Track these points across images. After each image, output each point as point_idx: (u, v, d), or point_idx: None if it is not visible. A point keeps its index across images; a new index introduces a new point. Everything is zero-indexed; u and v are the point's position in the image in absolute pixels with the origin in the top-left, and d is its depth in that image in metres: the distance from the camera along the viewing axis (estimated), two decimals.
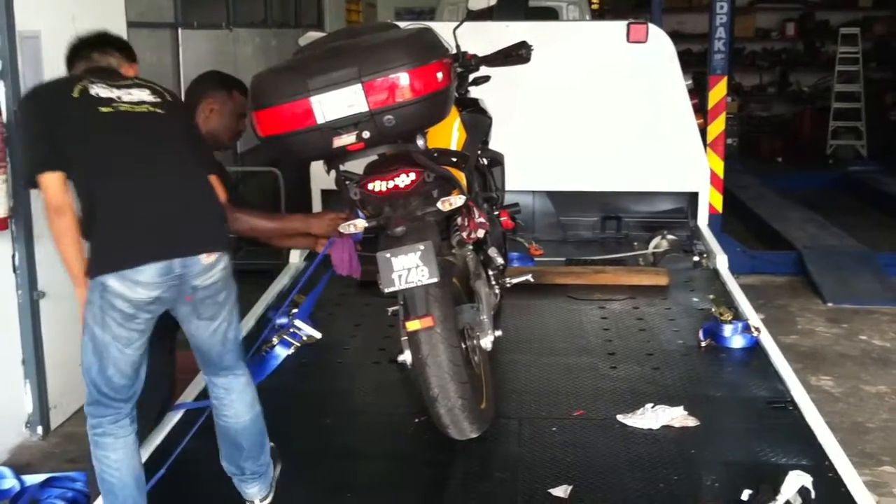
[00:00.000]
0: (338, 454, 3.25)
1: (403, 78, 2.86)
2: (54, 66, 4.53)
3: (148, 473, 2.86)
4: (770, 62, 14.60)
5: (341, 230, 3.18)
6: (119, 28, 5.26)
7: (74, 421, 4.68)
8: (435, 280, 2.93)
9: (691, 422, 3.35)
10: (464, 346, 3.20)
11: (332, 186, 3.25)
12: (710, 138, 7.06)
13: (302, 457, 3.18)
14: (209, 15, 7.21)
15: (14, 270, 4.38)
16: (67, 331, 4.60)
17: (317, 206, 5.94)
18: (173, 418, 3.39)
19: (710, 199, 6.34)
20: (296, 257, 5.36)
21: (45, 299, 4.49)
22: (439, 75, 2.92)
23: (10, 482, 3.92)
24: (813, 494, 2.72)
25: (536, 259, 5.36)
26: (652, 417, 3.37)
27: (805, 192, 10.12)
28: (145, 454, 3.13)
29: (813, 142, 13.01)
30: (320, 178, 5.22)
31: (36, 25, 4.43)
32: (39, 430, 4.51)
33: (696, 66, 9.68)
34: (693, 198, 5.99)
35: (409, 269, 2.94)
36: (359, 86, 2.85)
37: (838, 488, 2.86)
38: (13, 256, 4.37)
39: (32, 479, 3.91)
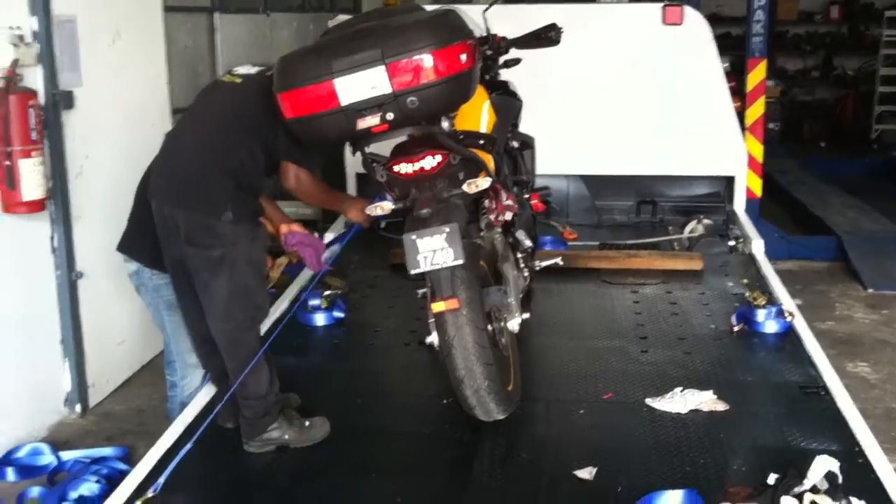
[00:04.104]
0: (366, 434, 3.28)
1: (427, 59, 2.85)
2: (90, 51, 4.63)
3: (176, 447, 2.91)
4: (814, 46, 14.35)
5: (368, 212, 3.20)
6: (155, 12, 5.31)
7: (112, 399, 4.76)
8: (460, 262, 2.94)
9: (721, 406, 3.33)
10: (490, 328, 3.20)
11: None
12: (748, 122, 6.95)
13: (331, 436, 3.20)
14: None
15: (52, 251, 4.45)
16: (105, 311, 4.70)
17: (351, 189, 5.98)
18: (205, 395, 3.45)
19: (748, 184, 6.27)
20: (330, 236, 5.39)
21: (83, 279, 4.56)
22: (463, 57, 2.91)
23: (48, 458, 4.00)
24: (840, 479, 2.69)
25: (570, 243, 5.34)
26: (681, 401, 3.35)
27: (848, 178, 9.93)
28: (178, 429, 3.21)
29: (857, 126, 12.76)
30: (356, 162, 5.26)
31: (72, 10, 4.48)
32: (78, 408, 4.59)
33: (735, 49, 9.53)
34: (729, 182, 5.92)
35: (434, 250, 2.94)
36: (382, 67, 2.85)
37: (868, 474, 2.83)
38: (51, 238, 4.44)
39: (70, 456, 3.99)
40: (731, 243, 5.40)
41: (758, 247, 5.19)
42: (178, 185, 3.12)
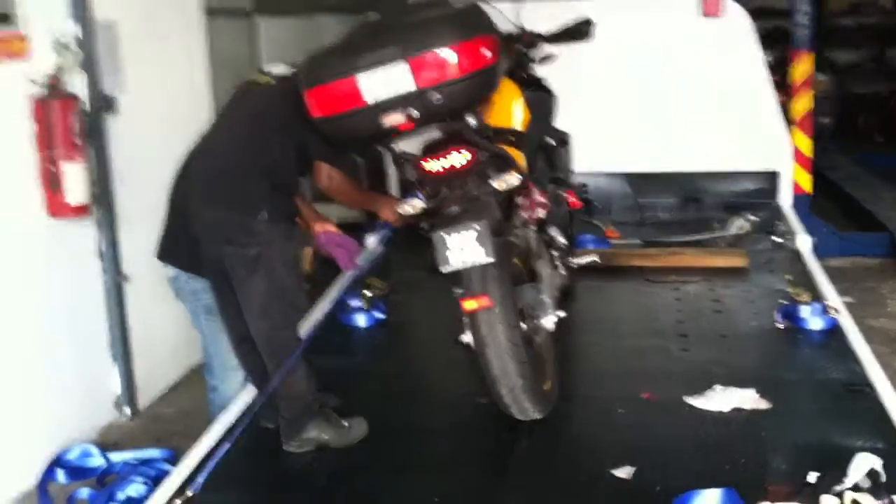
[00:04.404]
0: (404, 433, 3.29)
1: (448, 55, 2.83)
2: (132, 56, 4.71)
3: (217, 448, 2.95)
4: (866, 37, 14.06)
5: (399, 211, 3.20)
6: (196, 17, 5.38)
7: (160, 402, 4.84)
8: (491, 259, 2.92)
9: (763, 404, 3.28)
10: (524, 326, 3.18)
11: None
12: (795, 116, 6.84)
13: (370, 435, 3.22)
14: (289, 2, 7.30)
15: (99, 255, 4.53)
16: (152, 315, 4.77)
17: (394, 191, 6.00)
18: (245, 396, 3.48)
19: (796, 179, 6.18)
20: (373, 242, 5.41)
21: (130, 283, 4.64)
22: (485, 51, 2.89)
23: (98, 460, 4.05)
24: (883, 477, 2.63)
25: (613, 241, 5.31)
26: (721, 399, 3.31)
27: None
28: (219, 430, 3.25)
29: None
30: None
31: (114, 15, 4.56)
32: (127, 410, 4.68)
33: (786, 44, 9.38)
34: (775, 177, 5.83)
35: (464, 248, 2.93)
36: (404, 64, 2.85)
37: None
38: (98, 242, 4.52)
39: (118, 457, 4.05)
40: (777, 239, 5.32)
41: (804, 242, 5.11)
42: (214, 185, 3.16)
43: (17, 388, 4.01)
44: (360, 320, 4.28)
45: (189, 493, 2.84)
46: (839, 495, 2.58)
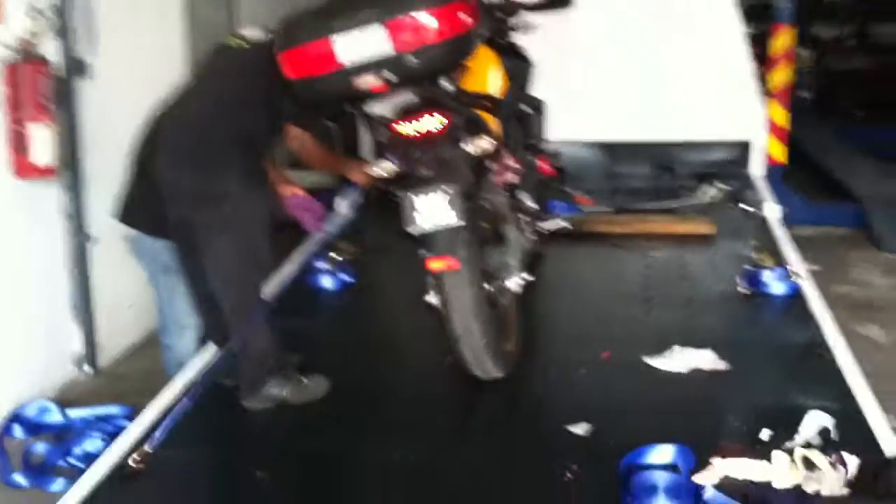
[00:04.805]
0: (366, 392, 3.31)
1: (425, 18, 2.83)
2: (108, 21, 4.67)
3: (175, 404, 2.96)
4: (849, 13, 14.07)
5: (370, 173, 3.20)
6: None
7: (122, 361, 4.85)
8: (460, 223, 2.94)
9: (721, 365, 3.32)
10: (489, 287, 3.20)
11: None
12: (773, 88, 6.85)
13: (330, 394, 3.23)
14: None
15: (65, 216, 4.52)
16: (115, 275, 4.76)
17: (367, 155, 5.98)
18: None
19: (770, 150, 6.21)
20: (343, 206, 5.42)
21: (94, 245, 4.63)
22: (463, 16, 2.89)
23: (55, 416, 4.04)
24: (834, 434, 2.67)
25: (584, 209, 5.32)
26: (679, 360, 3.34)
27: (884, 147, 9.75)
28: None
29: (894, 96, 12.50)
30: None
31: None
32: (87, 368, 4.68)
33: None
34: (747, 147, 5.85)
35: (433, 210, 2.94)
36: (380, 26, 2.84)
37: (862, 429, 2.80)
38: (64, 203, 4.50)
39: (76, 414, 4.04)
40: (746, 208, 5.35)
41: (771, 210, 5.14)
42: (185, 148, 3.15)
43: None
44: (327, 282, 4.29)
45: (147, 449, 2.85)
46: (790, 451, 2.61)
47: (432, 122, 3.04)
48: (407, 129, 3.06)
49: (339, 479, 2.77)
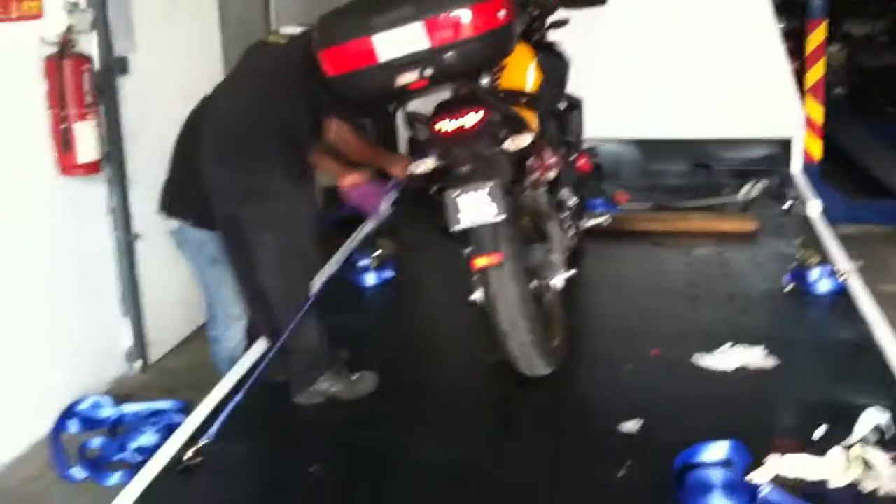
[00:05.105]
0: (414, 388, 3.31)
1: (464, 15, 2.84)
2: (144, 16, 4.71)
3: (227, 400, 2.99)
4: (881, 10, 13.92)
5: (411, 170, 3.21)
6: None
7: (171, 356, 4.90)
8: (502, 217, 2.94)
9: (770, 362, 3.30)
10: (534, 284, 3.20)
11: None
12: (808, 84, 6.81)
13: (379, 390, 3.25)
14: None
15: (110, 212, 4.56)
16: (162, 271, 4.81)
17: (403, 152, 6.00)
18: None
19: (806, 147, 6.17)
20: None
21: (140, 240, 4.67)
22: (501, 12, 2.89)
23: (109, 411, 4.09)
24: (891, 432, 2.65)
25: (622, 206, 5.31)
26: (729, 358, 3.32)
27: None
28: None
29: None
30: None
31: None
32: (138, 363, 4.73)
33: (802, 15, 9.30)
34: (787, 144, 5.81)
35: (476, 207, 2.95)
36: (419, 23, 2.85)
37: None
38: (109, 199, 4.55)
39: (130, 409, 4.09)
40: (787, 205, 5.31)
41: (813, 207, 5.10)
42: (227, 144, 3.17)
43: (31, 341, 4.05)
44: (370, 279, 4.30)
45: (202, 443, 2.87)
46: (846, 449, 2.60)
47: (472, 119, 3.05)
48: (447, 125, 3.07)
49: (388, 474, 2.79)
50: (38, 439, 3.97)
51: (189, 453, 2.82)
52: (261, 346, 3.49)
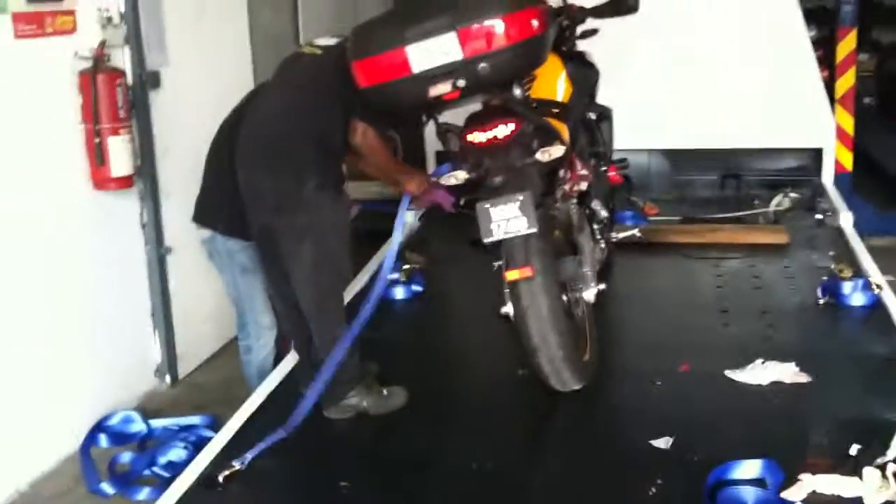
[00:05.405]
0: (442, 403, 3.32)
1: (497, 25, 2.84)
2: (176, 31, 4.75)
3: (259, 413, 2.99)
4: None
5: (443, 181, 3.21)
6: None
7: (200, 371, 4.92)
8: (534, 230, 2.93)
9: (803, 378, 3.27)
10: (565, 298, 3.19)
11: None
12: (838, 94, 6.75)
13: (409, 404, 3.24)
14: None
15: (142, 227, 4.60)
16: (193, 286, 4.84)
17: (431, 167, 6.01)
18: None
19: (837, 157, 6.11)
20: (410, 217, 5.45)
21: (172, 255, 4.70)
22: (534, 22, 2.90)
23: (139, 426, 4.15)
24: None
25: (651, 218, 5.29)
26: (762, 373, 3.29)
27: None
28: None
29: None
30: (435, 140, 5.31)
31: None
32: (167, 378, 4.75)
33: (830, 23, 9.23)
34: (817, 154, 5.77)
35: (507, 219, 2.94)
36: (453, 34, 2.85)
37: None
38: (141, 213, 4.59)
39: (159, 423, 4.13)
40: (819, 217, 5.26)
41: (846, 219, 5.05)
42: (262, 153, 3.19)
43: (62, 355, 4.08)
44: (399, 293, 4.31)
45: (231, 459, 2.88)
46: (881, 467, 2.57)
47: (504, 130, 3.04)
48: (479, 136, 3.07)
49: (418, 489, 2.79)
50: (67, 454, 4.02)
51: (218, 468, 2.82)
52: (291, 359, 3.50)
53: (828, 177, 5.79)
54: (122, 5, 4.39)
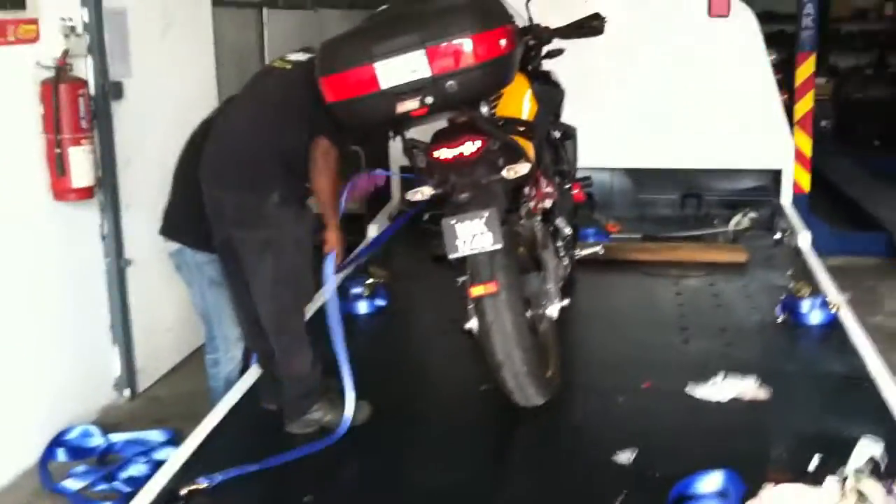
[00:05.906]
0: (405, 418, 3.31)
1: (466, 44, 2.85)
2: (140, 42, 4.72)
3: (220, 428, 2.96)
4: (867, 43, 14.09)
5: (408, 198, 3.22)
6: (204, 7, 5.40)
7: (160, 385, 4.86)
8: (499, 246, 2.94)
9: (762, 394, 3.30)
10: (529, 314, 3.20)
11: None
12: (797, 116, 6.87)
13: (371, 419, 3.23)
14: None
15: (102, 238, 4.55)
16: (153, 298, 4.79)
17: (396, 183, 6.03)
18: None
19: (795, 178, 6.22)
20: (374, 231, 5.45)
21: (132, 267, 4.65)
22: (502, 41, 2.92)
23: (98, 440, 4.09)
24: (883, 466, 2.66)
25: (613, 236, 5.33)
26: (722, 389, 3.33)
27: None
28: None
29: None
30: (400, 155, 5.32)
31: (122, 2, 4.57)
32: (127, 392, 4.69)
33: (788, 47, 9.42)
34: (776, 175, 5.86)
35: (473, 235, 2.95)
36: (422, 51, 2.87)
37: None
38: (101, 225, 4.53)
39: (119, 438, 4.07)
40: (778, 236, 5.35)
41: (804, 239, 5.14)
42: (226, 167, 3.18)
43: (19, 368, 4.02)
44: (362, 307, 4.29)
45: (192, 473, 2.85)
46: (842, 479, 2.60)
47: (471, 147, 3.06)
48: (446, 153, 3.08)
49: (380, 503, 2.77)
50: (25, 468, 3.94)
51: (179, 483, 2.79)
52: (253, 373, 3.47)
53: (786, 197, 5.89)
54: (85, 15, 4.36)
